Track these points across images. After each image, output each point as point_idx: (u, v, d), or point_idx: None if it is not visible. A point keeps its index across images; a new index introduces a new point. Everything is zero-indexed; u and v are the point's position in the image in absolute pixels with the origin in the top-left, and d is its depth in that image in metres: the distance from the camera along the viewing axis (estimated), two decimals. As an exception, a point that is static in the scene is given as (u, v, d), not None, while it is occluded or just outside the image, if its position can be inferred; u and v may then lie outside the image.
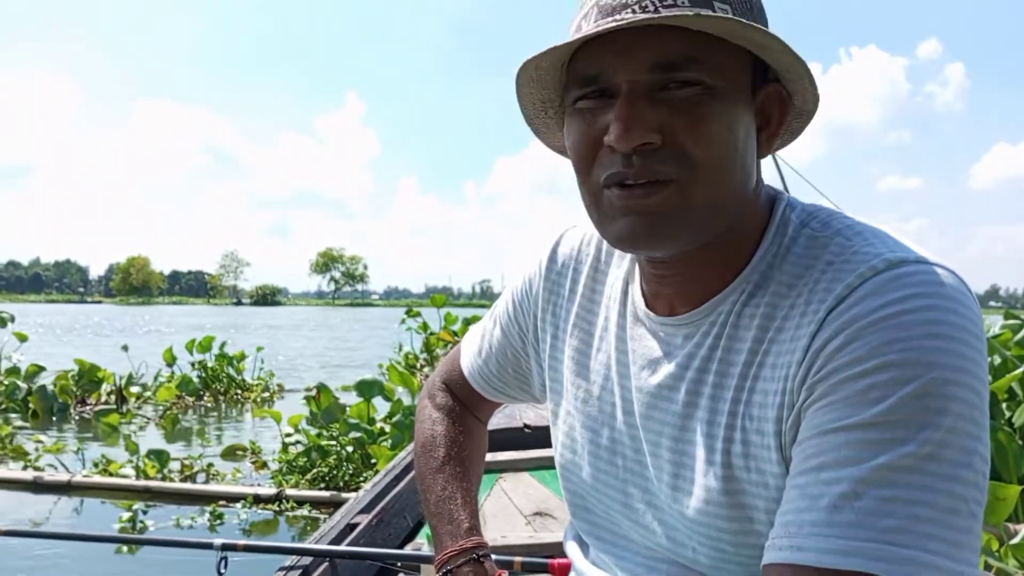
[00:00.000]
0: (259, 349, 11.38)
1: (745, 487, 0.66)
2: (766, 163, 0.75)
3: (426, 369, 12.03)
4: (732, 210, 0.67)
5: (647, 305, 0.77)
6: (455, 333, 11.83)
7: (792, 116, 0.71)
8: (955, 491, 0.54)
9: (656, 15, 0.58)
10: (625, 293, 0.81)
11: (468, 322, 11.17)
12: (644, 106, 0.62)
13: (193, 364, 10.27)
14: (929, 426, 0.54)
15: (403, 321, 12.02)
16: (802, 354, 0.61)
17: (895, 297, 0.57)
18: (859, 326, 0.57)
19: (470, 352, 1.03)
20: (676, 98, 0.61)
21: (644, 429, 0.75)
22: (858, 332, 0.57)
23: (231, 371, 10.58)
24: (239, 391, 10.45)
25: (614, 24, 0.59)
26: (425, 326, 11.98)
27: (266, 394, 10.53)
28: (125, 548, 4.26)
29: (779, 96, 0.68)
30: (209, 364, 10.35)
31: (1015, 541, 2.00)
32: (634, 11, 0.60)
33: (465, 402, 1.06)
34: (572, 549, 0.91)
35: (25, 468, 5.93)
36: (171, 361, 10.24)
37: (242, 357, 10.82)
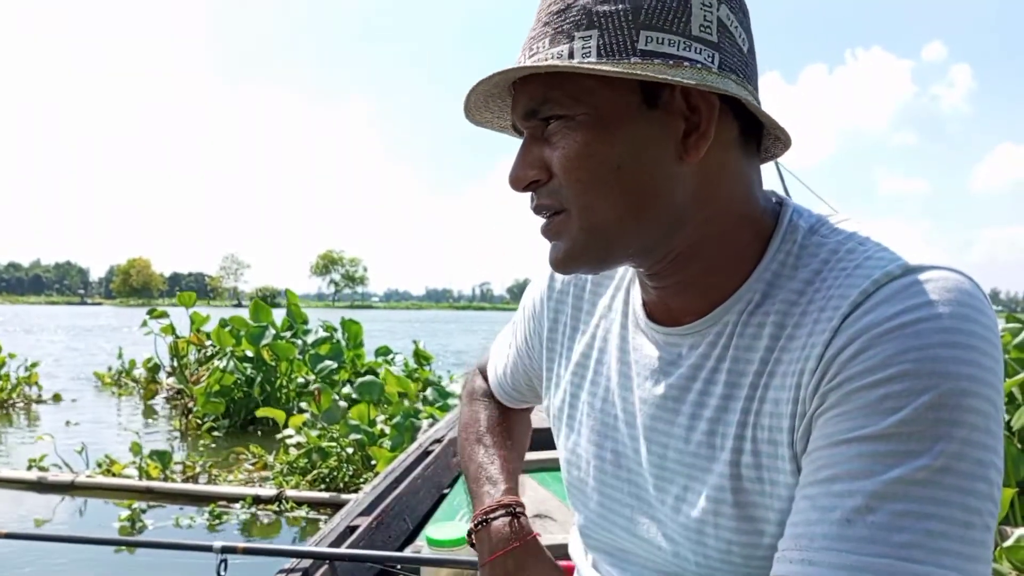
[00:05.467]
0: (11, 356, 10.37)
1: (756, 499, 0.65)
2: (767, 169, 0.73)
3: (171, 379, 10.28)
4: (656, 223, 0.66)
5: (649, 315, 0.76)
6: (209, 336, 9.70)
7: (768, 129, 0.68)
8: (970, 504, 0.53)
9: (492, 74, 0.64)
10: (626, 303, 0.80)
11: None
12: (530, 148, 0.68)
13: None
14: (944, 438, 0.53)
15: (145, 324, 9.98)
16: (816, 362, 0.60)
17: (911, 304, 0.56)
18: (874, 334, 0.56)
19: (493, 363, 1.07)
20: (548, 134, 0.66)
21: (648, 440, 0.74)
22: (872, 340, 0.56)
23: None
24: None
25: (473, 92, 0.67)
26: (171, 328, 9.85)
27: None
28: (125, 550, 4.27)
29: (700, 94, 0.63)
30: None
31: (1009, 543, 2.00)
32: (519, 62, 0.66)
33: None
34: (577, 555, 0.91)
35: (30, 468, 5.94)
36: None
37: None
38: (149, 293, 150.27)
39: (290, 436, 6.17)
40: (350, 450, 5.50)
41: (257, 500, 5.09)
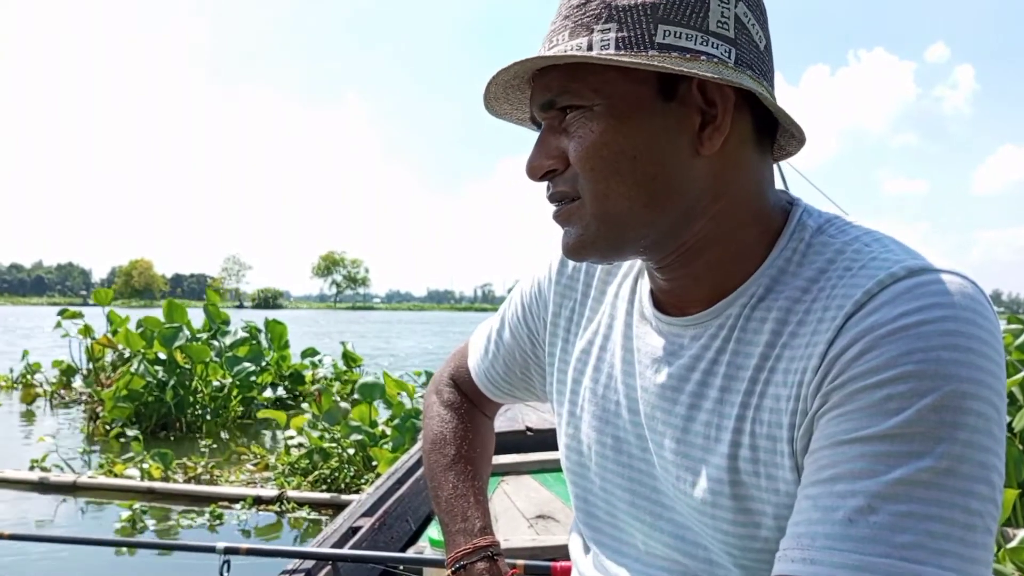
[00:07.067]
0: None
1: (752, 492, 0.66)
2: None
3: (79, 386, 9.85)
4: (668, 214, 0.66)
5: (656, 304, 0.77)
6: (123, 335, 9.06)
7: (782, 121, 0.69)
8: (971, 506, 0.53)
9: (512, 64, 0.65)
10: (634, 292, 0.81)
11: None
12: (548, 138, 0.69)
13: None
14: (946, 440, 0.53)
15: (59, 324, 9.41)
16: (818, 360, 0.60)
17: (914, 307, 0.56)
18: (877, 335, 0.57)
19: (477, 352, 1.03)
20: (566, 125, 0.67)
21: (648, 428, 0.75)
22: (876, 341, 0.56)
23: None
24: None
25: (493, 81, 0.69)
26: (88, 329, 9.24)
27: None
28: (127, 551, 4.27)
29: (716, 88, 0.64)
30: None
31: (1012, 545, 2.00)
32: (539, 54, 0.66)
33: (472, 398, 1.07)
34: (575, 549, 0.91)
35: (32, 468, 5.95)
36: None
37: None
38: (151, 294, 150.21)
39: (291, 436, 6.18)
40: (351, 451, 5.51)
41: (258, 501, 5.10)
